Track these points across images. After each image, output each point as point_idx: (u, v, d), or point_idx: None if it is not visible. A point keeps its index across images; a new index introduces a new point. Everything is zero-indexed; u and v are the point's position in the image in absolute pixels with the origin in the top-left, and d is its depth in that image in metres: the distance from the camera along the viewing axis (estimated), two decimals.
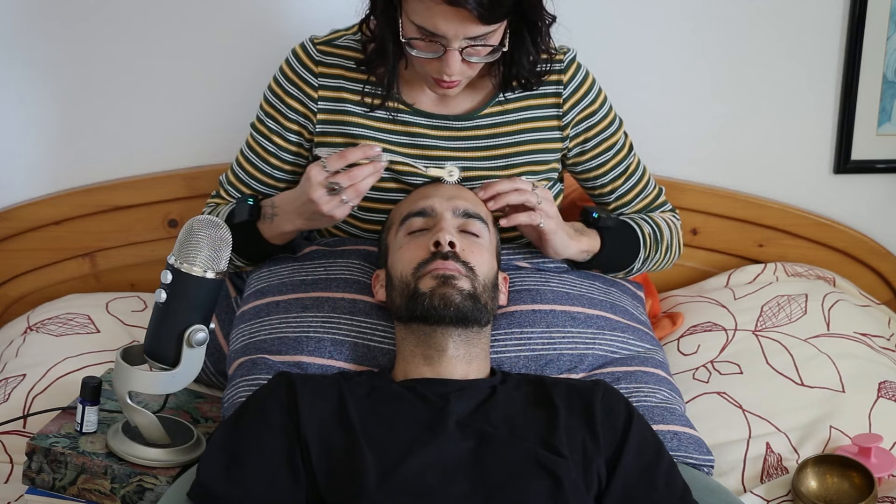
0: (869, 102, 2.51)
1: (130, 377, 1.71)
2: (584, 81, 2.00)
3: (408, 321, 1.74)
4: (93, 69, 2.35)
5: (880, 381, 2.11)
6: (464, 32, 1.76)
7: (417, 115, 1.95)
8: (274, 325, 1.87)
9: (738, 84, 2.49)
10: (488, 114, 1.97)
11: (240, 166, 2.01)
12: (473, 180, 1.95)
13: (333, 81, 1.95)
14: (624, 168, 2.06)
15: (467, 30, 1.76)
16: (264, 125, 1.99)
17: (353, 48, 1.96)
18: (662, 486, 1.62)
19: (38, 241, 2.39)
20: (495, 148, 1.97)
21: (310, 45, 1.97)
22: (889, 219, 2.60)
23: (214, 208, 2.00)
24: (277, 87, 1.97)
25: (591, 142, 2.02)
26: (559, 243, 1.91)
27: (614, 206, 2.08)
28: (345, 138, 1.94)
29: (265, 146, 1.98)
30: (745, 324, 2.24)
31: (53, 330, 2.20)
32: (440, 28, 1.76)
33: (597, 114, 2.01)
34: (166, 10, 2.33)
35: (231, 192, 2.01)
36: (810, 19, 2.47)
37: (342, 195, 1.77)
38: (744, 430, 2.01)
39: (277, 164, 1.98)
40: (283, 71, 1.98)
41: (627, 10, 2.39)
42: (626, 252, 2.01)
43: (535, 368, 1.86)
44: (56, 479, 1.74)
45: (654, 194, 2.11)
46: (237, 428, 1.63)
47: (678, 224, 2.11)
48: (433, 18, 1.75)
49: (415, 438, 1.60)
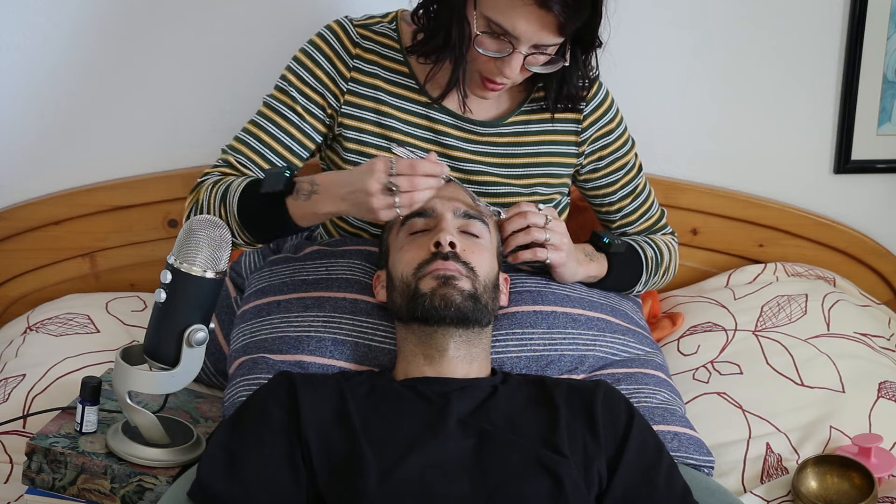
0: (869, 102, 2.51)
1: (130, 377, 1.71)
2: (605, 100, 2.02)
3: (408, 321, 1.74)
4: (93, 69, 2.35)
5: (880, 382, 2.11)
6: (538, 38, 1.76)
7: (444, 114, 1.95)
8: (275, 324, 1.87)
9: (739, 84, 2.49)
10: (512, 122, 1.98)
11: (253, 136, 1.93)
12: (489, 185, 1.96)
13: (369, 67, 1.95)
14: (632, 188, 2.09)
15: (541, 36, 1.76)
16: (287, 94, 1.93)
17: (390, 36, 1.96)
18: (663, 486, 1.62)
19: (37, 241, 2.38)
20: (514, 157, 1.98)
21: (349, 25, 1.95)
22: (889, 219, 2.60)
23: (220, 179, 1.88)
24: (306, 58, 1.94)
25: (605, 160, 2.04)
26: (567, 273, 1.93)
27: (619, 223, 2.11)
28: (376, 126, 1.94)
29: (286, 114, 1.93)
30: (745, 324, 2.24)
31: (53, 330, 2.20)
32: (518, 28, 1.75)
33: (613, 132, 2.03)
34: (166, 11, 2.33)
35: (244, 161, 1.92)
36: (810, 19, 2.47)
37: (396, 198, 1.67)
38: (744, 430, 2.01)
39: (297, 134, 1.93)
40: (315, 44, 1.95)
41: (627, 10, 2.39)
42: (630, 277, 2.04)
43: (536, 369, 1.86)
44: (56, 479, 1.74)
45: (657, 216, 2.15)
46: (237, 427, 1.63)
47: (676, 247, 2.15)
48: (514, 18, 1.74)
49: (415, 437, 1.60)
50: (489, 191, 1.96)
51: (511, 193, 1.98)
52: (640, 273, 2.04)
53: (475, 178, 1.96)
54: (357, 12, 2.02)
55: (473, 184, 1.95)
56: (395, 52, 1.96)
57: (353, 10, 2.06)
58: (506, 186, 1.98)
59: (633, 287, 2.06)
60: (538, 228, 1.86)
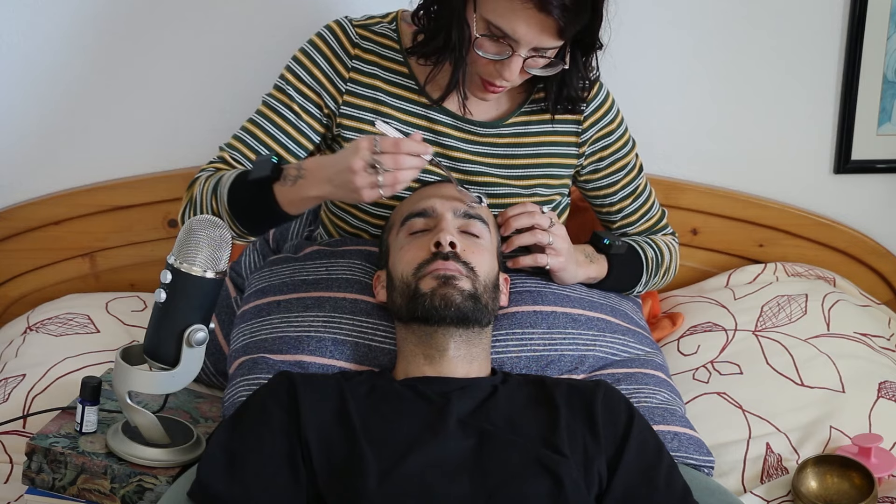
0: (869, 102, 2.51)
1: (130, 377, 1.71)
2: (605, 101, 2.02)
3: (408, 321, 1.74)
4: (93, 69, 2.35)
5: (880, 382, 2.11)
6: (537, 41, 1.76)
7: (444, 115, 1.95)
8: (275, 324, 1.87)
9: (739, 84, 2.49)
10: (512, 123, 1.98)
11: (249, 133, 1.93)
12: (489, 186, 1.96)
13: (368, 67, 1.95)
14: (633, 189, 2.09)
15: (541, 39, 1.75)
16: (284, 93, 1.94)
17: (389, 37, 1.96)
18: (663, 486, 1.62)
19: (37, 241, 2.38)
20: (514, 157, 1.98)
21: (348, 26, 1.96)
22: (889, 219, 2.60)
23: (214, 173, 1.87)
24: (305, 58, 1.95)
25: (605, 161, 2.04)
26: (567, 276, 1.94)
27: (619, 224, 2.11)
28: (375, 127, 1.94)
29: (283, 113, 1.93)
30: (745, 324, 2.24)
31: (53, 330, 2.20)
32: (518, 31, 1.75)
33: (614, 133, 2.03)
34: (166, 11, 2.33)
35: (238, 157, 1.92)
36: (810, 19, 2.47)
37: (379, 176, 1.64)
38: (744, 430, 2.01)
39: (293, 133, 1.93)
40: (313, 44, 1.95)
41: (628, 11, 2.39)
42: (630, 278, 2.04)
43: (536, 369, 1.86)
44: (56, 479, 1.73)
45: (658, 216, 2.15)
46: (237, 427, 1.63)
47: (677, 247, 2.15)
48: (514, 21, 1.74)
49: (415, 437, 1.60)
50: (489, 192, 1.96)
51: (511, 194, 1.98)
52: (640, 274, 2.04)
53: (475, 179, 1.96)
54: (357, 12, 2.02)
55: (473, 184, 1.95)
56: (395, 53, 1.95)
57: (353, 11, 2.06)
58: (506, 187, 1.98)
59: (634, 288, 2.06)
60: (542, 231, 1.86)
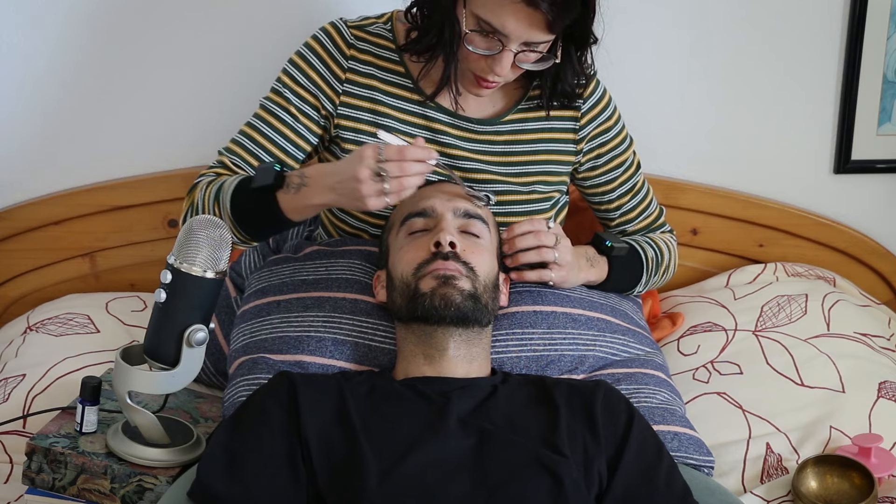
0: (869, 102, 2.51)
1: (130, 377, 1.71)
2: (603, 98, 2.02)
3: (408, 321, 1.74)
4: (93, 69, 2.35)
5: (880, 382, 2.11)
6: (527, 36, 1.76)
7: (441, 112, 1.95)
8: (275, 324, 1.87)
9: (739, 84, 2.49)
10: (509, 120, 1.98)
11: (248, 137, 1.94)
12: (487, 183, 1.96)
13: (364, 68, 1.95)
14: (631, 186, 2.09)
15: (531, 34, 1.76)
16: (281, 95, 1.94)
17: (385, 36, 1.96)
18: (663, 486, 1.62)
19: (37, 241, 2.38)
20: (512, 155, 1.98)
21: (343, 27, 1.96)
22: (889, 219, 2.60)
23: (215, 178, 1.88)
24: (301, 61, 1.95)
25: (603, 158, 2.04)
26: (567, 285, 1.94)
27: (617, 221, 2.11)
28: (373, 127, 1.93)
29: (281, 116, 1.93)
30: (745, 324, 2.24)
31: (53, 330, 2.20)
32: (507, 26, 1.75)
33: (611, 130, 2.03)
34: (166, 11, 2.33)
35: (238, 162, 1.93)
36: (810, 20, 2.47)
37: (385, 184, 1.64)
38: (744, 430, 2.01)
39: (291, 135, 1.93)
40: (310, 46, 1.96)
41: (626, 10, 2.39)
42: (630, 279, 2.04)
43: (536, 369, 1.86)
44: (56, 479, 1.74)
45: (656, 214, 2.15)
46: (237, 427, 1.63)
47: (675, 245, 2.15)
48: (503, 16, 1.74)
49: (415, 436, 1.60)
50: (488, 189, 1.96)
51: (510, 191, 1.98)
52: (640, 274, 2.04)
53: (473, 177, 1.96)
54: (354, 13, 2.02)
55: (471, 182, 1.95)
56: (391, 52, 1.96)
57: (350, 11, 2.06)
58: (504, 184, 1.98)
59: (634, 288, 2.06)
60: (548, 249, 1.86)
